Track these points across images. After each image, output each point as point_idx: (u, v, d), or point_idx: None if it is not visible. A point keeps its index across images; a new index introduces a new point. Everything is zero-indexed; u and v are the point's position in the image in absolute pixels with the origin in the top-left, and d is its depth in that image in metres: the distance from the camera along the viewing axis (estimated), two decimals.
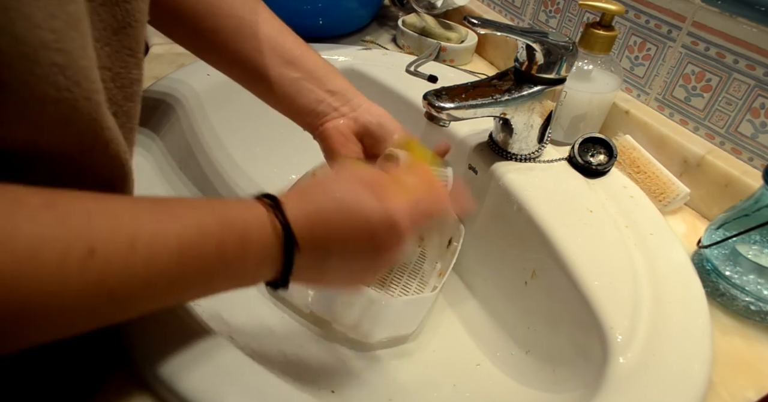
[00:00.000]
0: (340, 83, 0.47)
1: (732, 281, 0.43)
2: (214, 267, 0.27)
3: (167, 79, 0.61)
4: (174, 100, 0.59)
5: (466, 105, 0.46)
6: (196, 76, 0.62)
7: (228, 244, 0.27)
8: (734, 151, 0.52)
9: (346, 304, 0.46)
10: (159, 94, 0.59)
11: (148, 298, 0.25)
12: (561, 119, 0.59)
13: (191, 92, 0.60)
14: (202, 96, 0.61)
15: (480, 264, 0.56)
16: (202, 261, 0.26)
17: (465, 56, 0.78)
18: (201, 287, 0.28)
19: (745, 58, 0.49)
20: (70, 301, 0.22)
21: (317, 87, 0.46)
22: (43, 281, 0.21)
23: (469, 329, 0.53)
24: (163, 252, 0.24)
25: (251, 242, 0.28)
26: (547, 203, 0.48)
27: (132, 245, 0.23)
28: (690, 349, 0.37)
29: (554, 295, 0.45)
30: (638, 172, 0.55)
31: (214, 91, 0.62)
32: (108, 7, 0.27)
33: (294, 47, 0.47)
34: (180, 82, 0.61)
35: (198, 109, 0.61)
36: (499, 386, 0.46)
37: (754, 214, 0.43)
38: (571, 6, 0.67)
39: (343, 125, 0.47)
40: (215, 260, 0.27)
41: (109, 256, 0.22)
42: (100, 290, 0.22)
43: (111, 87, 0.29)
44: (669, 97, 0.57)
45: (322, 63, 0.48)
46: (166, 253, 0.24)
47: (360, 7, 0.80)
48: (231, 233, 0.27)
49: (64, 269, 0.21)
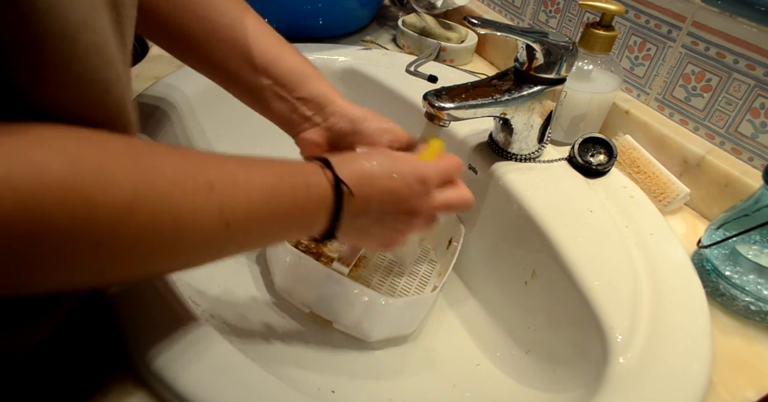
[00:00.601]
0: (314, 88, 0.45)
1: (732, 281, 0.43)
2: (290, 206, 0.32)
3: (160, 84, 0.60)
4: (167, 104, 0.58)
5: (466, 105, 0.46)
6: (189, 80, 0.61)
7: (298, 188, 0.32)
8: (734, 151, 0.52)
9: (346, 304, 0.46)
10: (152, 98, 0.58)
11: (250, 230, 0.30)
12: (561, 119, 0.59)
13: (183, 97, 0.59)
14: (194, 100, 0.60)
15: (480, 264, 0.56)
16: (281, 200, 0.31)
17: (465, 56, 0.78)
18: (282, 226, 0.33)
19: (745, 58, 0.49)
20: (202, 224, 0.26)
21: (289, 94, 0.45)
22: (186, 206, 0.25)
23: (469, 329, 0.53)
24: (257, 190, 0.29)
25: (313, 191, 0.33)
26: (547, 203, 0.48)
27: (236, 183, 0.28)
28: (690, 349, 0.37)
29: (554, 295, 0.45)
30: (638, 172, 0.55)
31: (206, 95, 0.61)
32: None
33: (268, 51, 0.44)
34: (171, 86, 0.60)
35: (190, 112, 0.60)
36: (499, 386, 0.46)
37: (754, 214, 0.43)
38: (571, 6, 0.67)
39: (315, 135, 0.46)
40: (290, 200, 0.32)
41: (223, 189, 0.27)
42: (221, 217, 0.27)
43: None
44: (669, 97, 0.57)
45: (298, 67, 0.45)
46: (258, 191, 0.29)
47: (360, 7, 0.80)
48: (299, 180, 0.33)
49: (198, 198, 0.26)
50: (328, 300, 0.47)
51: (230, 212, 0.28)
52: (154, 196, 0.24)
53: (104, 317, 0.35)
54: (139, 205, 0.23)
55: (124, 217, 0.23)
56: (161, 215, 0.24)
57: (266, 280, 0.53)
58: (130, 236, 0.23)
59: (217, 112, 0.62)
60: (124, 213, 0.23)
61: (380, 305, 0.46)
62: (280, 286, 0.50)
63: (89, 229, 0.22)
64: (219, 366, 0.33)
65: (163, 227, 0.24)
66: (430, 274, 0.57)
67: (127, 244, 0.23)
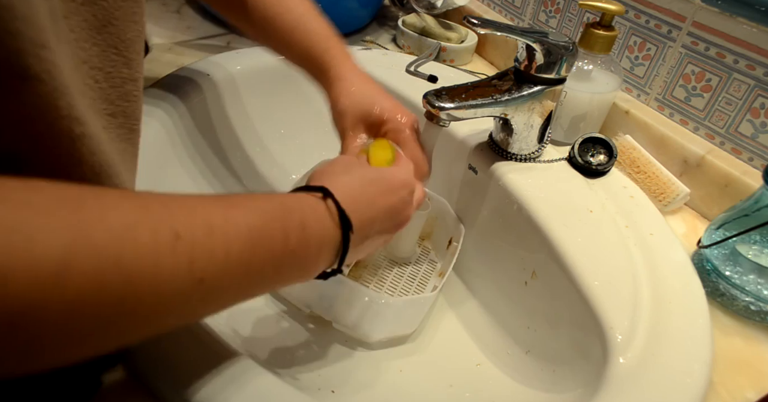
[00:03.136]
0: (323, 62, 0.48)
1: (732, 281, 0.43)
2: (281, 253, 0.28)
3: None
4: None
5: (466, 105, 0.46)
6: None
7: (291, 230, 0.28)
8: (734, 151, 0.52)
9: (346, 304, 0.46)
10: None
11: (230, 286, 0.25)
12: (561, 119, 0.59)
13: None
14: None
15: (480, 264, 0.56)
16: (270, 248, 0.27)
17: (465, 56, 0.78)
18: (271, 277, 0.29)
19: (745, 58, 0.49)
20: (167, 286, 0.22)
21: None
22: (142, 262, 0.20)
23: (469, 329, 0.53)
24: (237, 238, 0.25)
25: (310, 228, 0.30)
26: (547, 203, 0.48)
27: (210, 231, 0.24)
28: (690, 349, 0.37)
29: (554, 295, 0.45)
30: (638, 172, 0.55)
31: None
32: (88, 7, 0.27)
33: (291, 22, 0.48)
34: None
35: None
36: (499, 386, 0.46)
37: (754, 214, 0.43)
38: (571, 6, 0.67)
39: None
40: (281, 247, 0.28)
41: (193, 239, 0.23)
42: (191, 275, 0.22)
43: (105, 86, 0.29)
44: (669, 97, 0.57)
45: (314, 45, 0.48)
46: (240, 239, 0.25)
47: (360, 7, 0.80)
48: (291, 220, 0.29)
49: (158, 251, 0.21)
50: (328, 300, 0.47)
51: (203, 266, 0.23)
52: (93, 256, 0.19)
53: None
54: (73, 268, 0.18)
55: (50, 286, 0.18)
56: (106, 278, 0.19)
57: None
58: (60, 309, 0.18)
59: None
60: (50, 280, 0.18)
61: (380, 305, 0.46)
62: None
63: (1, 309, 0.17)
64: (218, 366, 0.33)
65: (109, 292, 0.19)
66: (430, 274, 0.57)
67: (60, 319, 0.18)
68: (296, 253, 0.29)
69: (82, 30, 0.26)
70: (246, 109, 0.65)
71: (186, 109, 0.57)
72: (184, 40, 0.73)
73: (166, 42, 0.71)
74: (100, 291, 0.19)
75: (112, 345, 0.22)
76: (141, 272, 0.20)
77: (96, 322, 0.20)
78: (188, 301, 0.23)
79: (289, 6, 0.49)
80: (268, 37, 0.51)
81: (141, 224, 0.21)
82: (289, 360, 0.46)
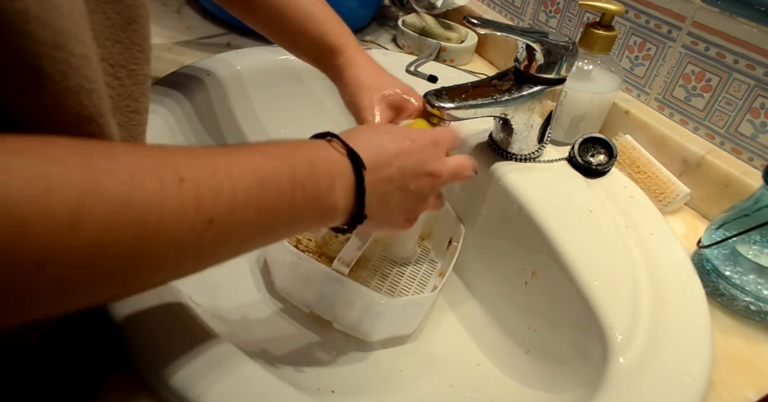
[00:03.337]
0: (332, 58, 0.49)
1: (732, 281, 0.43)
2: (290, 189, 0.28)
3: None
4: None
5: (466, 105, 0.46)
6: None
7: (298, 166, 0.28)
8: (734, 151, 0.52)
9: (346, 304, 0.46)
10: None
11: (243, 226, 0.26)
12: (561, 119, 0.59)
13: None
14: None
15: (480, 264, 0.56)
16: (278, 184, 0.27)
17: (465, 56, 0.78)
18: (286, 215, 0.28)
19: (745, 58, 0.49)
20: (176, 226, 0.23)
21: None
22: (150, 206, 0.22)
23: (469, 329, 0.53)
24: (242, 176, 0.25)
25: (318, 163, 0.30)
26: (547, 203, 0.48)
27: (213, 172, 0.24)
28: (690, 349, 0.37)
29: (554, 295, 0.45)
30: (638, 172, 0.55)
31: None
32: (112, 5, 0.27)
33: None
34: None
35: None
36: (499, 386, 0.46)
37: (754, 214, 0.43)
38: (571, 6, 0.67)
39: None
40: (290, 183, 0.28)
41: (198, 181, 0.23)
42: (199, 215, 0.23)
43: (128, 84, 0.29)
44: (669, 97, 0.57)
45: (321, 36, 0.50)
46: (245, 177, 0.26)
47: (360, 7, 0.80)
48: (296, 156, 0.29)
49: (165, 194, 0.22)
50: (328, 300, 0.47)
51: (210, 206, 0.24)
52: (104, 203, 0.20)
53: (103, 314, 0.35)
54: (85, 215, 0.19)
55: (67, 231, 0.19)
56: (117, 222, 0.21)
57: (266, 280, 0.53)
58: (79, 253, 0.20)
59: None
60: (65, 226, 0.19)
61: (380, 305, 0.46)
62: (280, 286, 0.50)
63: (24, 251, 0.18)
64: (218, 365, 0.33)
65: (122, 236, 0.21)
66: (430, 274, 0.57)
67: (79, 262, 0.20)
68: (307, 186, 0.29)
69: (105, 28, 0.27)
70: (249, 106, 0.65)
71: (190, 105, 0.57)
72: (184, 40, 0.73)
73: (166, 42, 0.71)
74: (114, 234, 0.20)
75: (139, 286, 0.24)
76: (150, 215, 0.22)
77: (115, 263, 0.21)
78: (201, 242, 0.24)
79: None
80: (276, 25, 0.51)
81: (147, 171, 0.22)
82: (289, 360, 0.46)
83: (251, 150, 0.28)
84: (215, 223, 0.24)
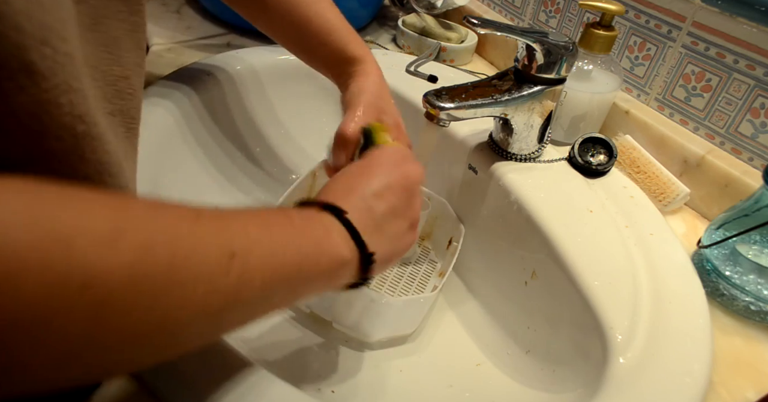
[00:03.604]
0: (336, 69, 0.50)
1: (732, 281, 0.43)
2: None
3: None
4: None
5: (466, 105, 0.46)
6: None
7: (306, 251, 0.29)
8: (734, 151, 0.52)
9: (346, 304, 0.46)
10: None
11: (276, 295, 0.27)
12: (561, 119, 0.59)
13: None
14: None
15: (480, 264, 0.56)
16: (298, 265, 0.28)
17: (465, 56, 0.78)
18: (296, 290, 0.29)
19: (745, 58, 0.49)
20: (233, 298, 0.24)
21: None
22: (214, 280, 0.23)
23: (469, 329, 0.53)
24: (271, 261, 0.26)
25: (300, 217, 0.30)
26: (547, 203, 0.48)
27: (257, 251, 0.25)
28: (690, 349, 0.37)
29: (554, 295, 0.45)
30: (638, 172, 0.55)
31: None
32: (81, 6, 0.27)
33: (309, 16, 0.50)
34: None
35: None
36: (499, 386, 0.46)
37: (754, 214, 0.43)
38: (571, 6, 0.67)
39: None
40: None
41: (246, 257, 0.24)
42: (252, 284, 0.25)
43: (101, 85, 0.29)
44: (669, 97, 0.57)
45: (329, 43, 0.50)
46: (274, 261, 0.26)
47: (360, 7, 0.80)
48: (305, 248, 0.29)
49: (223, 269, 0.23)
50: (328, 300, 0.47)
51: (259, 278, 0.25)
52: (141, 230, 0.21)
53: None
54: (123, 241, 0.19)
55: (107, 254, 0.19)
56: (153, 241, 0.21)
57: None
58: (120, 276, 0.19)
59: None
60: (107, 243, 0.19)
61: (380, 305, 0.46)
62: None
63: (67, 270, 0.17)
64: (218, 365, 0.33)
65: (158, 258, 0.21)
66: (430, 274, 0.57)
67: (121, 284, 0.19)
68: (304, 232, 0.29)
69: (76, 28, 0.26)
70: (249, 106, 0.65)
71: (190, 105, 0.58)
72: (183, 40, 0.73)
73: (166, 42, 0.71)
74: (150, 254, 0.20)
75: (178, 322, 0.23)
76: (216, 289, 0.23)
77: (153, 285, 0.20)
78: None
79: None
80: (295, 35, 0.52)
81: (209, 245, 0.23)
82: (289, 360, 0.46)
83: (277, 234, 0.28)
84: (266, 290, 0.25)
